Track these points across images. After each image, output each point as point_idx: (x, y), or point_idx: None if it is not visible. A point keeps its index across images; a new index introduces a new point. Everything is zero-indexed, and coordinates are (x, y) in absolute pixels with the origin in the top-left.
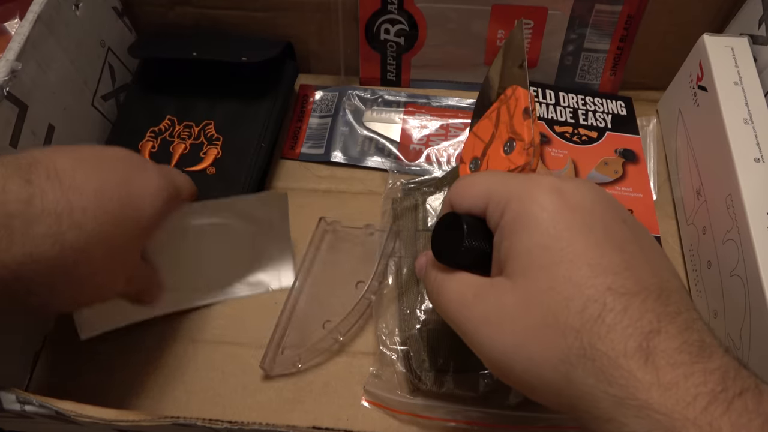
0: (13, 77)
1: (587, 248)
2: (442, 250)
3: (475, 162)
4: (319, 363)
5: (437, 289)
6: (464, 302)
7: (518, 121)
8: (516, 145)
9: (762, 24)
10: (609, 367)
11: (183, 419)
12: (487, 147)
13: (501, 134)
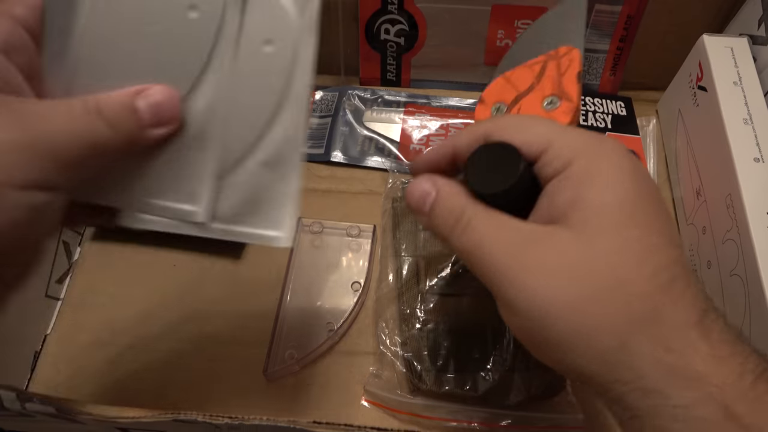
0: None
1: (657, 217)
2: (484, 178)
3: (499, 107)
4: (319, 363)
5: (468, 224)
6: (512, 245)
7: (570, 81)
8: (561, 104)
9: (761, 24)
10: (671, 334)
11: (183, 415)
12: (521, 96)
13: (543, 88)
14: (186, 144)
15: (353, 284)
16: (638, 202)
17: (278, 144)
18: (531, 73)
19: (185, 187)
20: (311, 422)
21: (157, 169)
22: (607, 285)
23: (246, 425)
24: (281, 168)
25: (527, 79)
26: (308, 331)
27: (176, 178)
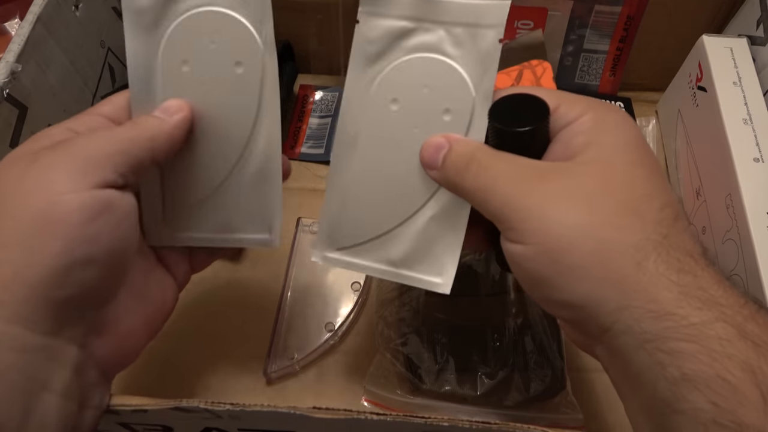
0: (13, 79)
1: (657, 165)
2: (509, 118)
3: None
4: (319, 363)
5: (479, 165)
6: (527, 176)
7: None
8: None
9: (760, 25)
10: (683, 257)
11: (185, 402)
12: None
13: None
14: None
15: (353, 284)
16: (643, 149)
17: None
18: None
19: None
20: (311, 408)
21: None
22: (622, 210)
23: (247, 412)
24: (449, 221)
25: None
26: (308, 331)
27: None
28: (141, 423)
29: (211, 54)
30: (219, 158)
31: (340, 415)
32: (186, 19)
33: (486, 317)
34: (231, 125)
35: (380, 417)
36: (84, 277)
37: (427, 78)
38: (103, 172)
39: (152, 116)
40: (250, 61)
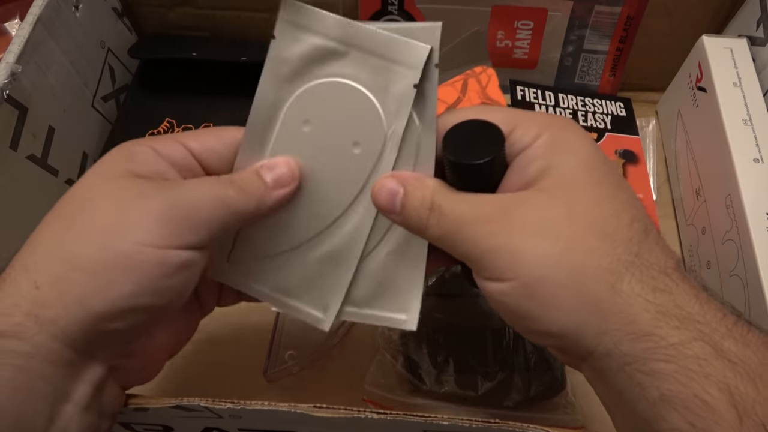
0: (13, 80)
1: (621, 179)
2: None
3: None
4: (319, 363)
5: (441, 210)
6: (490, 215)
7: (494, 92)
8: None
9: (760, 25)
10: (658, 275)
11: (186, 401)
12: (452, 107)
13: (470, 99)
14: (327, 258)
15: None
16: (603, 166)
17: (401, 235)
18: (454, 90)
19: (319, 297)
20: (311, 406)
21: (297, 275)
22: (590, 234)
23: (247, 410)
24: (408, 256)
25: (452, 94)
26: (308, 331)
27: (313, 287)
28: (141, 423)
29: (335, 124)
30: (303, 224)
31: (340, 413)
32: (324, 84)
33: (486, 318)
34: (327, 199)
35: (380, 416)
36: (138, 317)
37: (341, 104)
38: (197, 237)
39: (260, 179)
40: (370, 146)
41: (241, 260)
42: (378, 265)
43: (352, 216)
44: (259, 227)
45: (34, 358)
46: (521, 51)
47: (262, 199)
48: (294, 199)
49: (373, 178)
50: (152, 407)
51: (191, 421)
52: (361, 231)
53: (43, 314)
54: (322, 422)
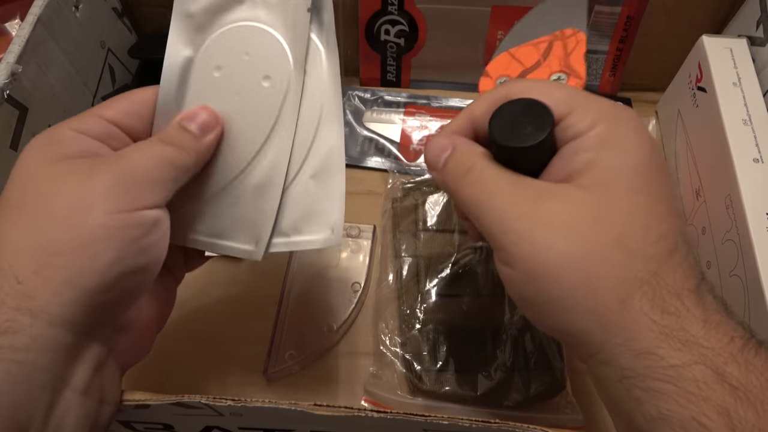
0: (13, 80)
1: (665, 187)
2: (510, 132)
3: (504, 81)
4: (319, 364)
5: (478, 177)
6: (521, 198)
7: (577, 59)
8: (569, 81)
9: (760, 25)
10: (669, 298)
11: (187, 397)
12: (527, 71)
13: (550, 64)
14: (253, 193)
15: (353, 284)
16: (651, 171)
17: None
18: (537, 51)
19: (251, 232)
20: (312, 404)
21: (228, 216)
22: (613, 244)
23: (248, 408)
24: (328, 177)
25: (533, 56)
26: (308, 331)
27: (244, 223)
28: (142, 421)
29: (243, 64)
30: (227, 165)
31: (340, 412)
32: (228, 30)
33: (486, 317)
34: (245, 136)
35: (380, 415)
36: (129, 282)
37: (247, 45)
38: (157, 197)
39: (185, 131)
40: (278, 76)
41: (178, 216)
42: (301, 191)
43: (271, 147)
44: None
45: (31, 350)
46: None
47: (197, 149)
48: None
49: (286, 106)
50: (153, 404)
51: (192, 419)
52: (281, 160)
53: (33, 305)
54: (323, 421)
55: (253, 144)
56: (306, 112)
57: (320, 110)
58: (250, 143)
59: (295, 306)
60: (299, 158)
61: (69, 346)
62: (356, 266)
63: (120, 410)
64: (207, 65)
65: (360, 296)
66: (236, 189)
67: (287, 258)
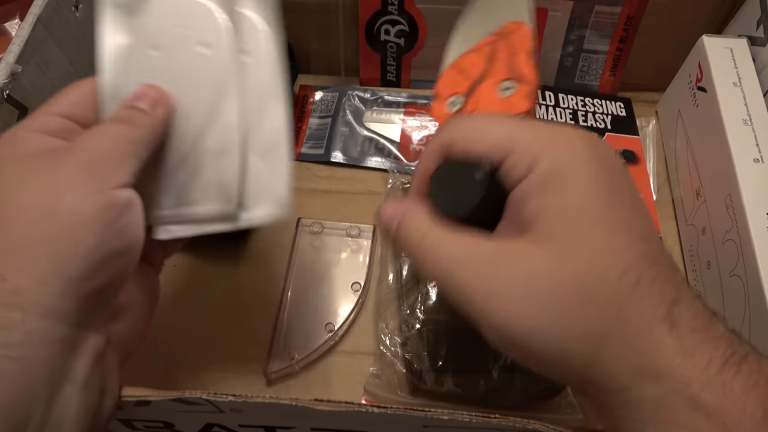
0: (13, 80)
1: (622, 212)
2: (449, 199)
3: (456, 100)
4: (319, 364)
5: (432, 248)
6: (479, 269)
7: (523, 61)
8: (519, 87)
9: (760, 25)
10: (638, 334)
11: (188, 393)
12: (475, 84)
13: (497, 72)
14: (213, 158)
15: (353, 284)
16: (603, 199)
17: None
18: (481, 58)
19: (218, 192)
20: (313, 400)
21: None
22: (579, 297)
23: (249, 404)
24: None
25: (478, 64)
26: (308, 331)
27: (208, 187)
28: (142, 419)
29: (176, 37)
30: (182, 136)
31: (341, 407)
32: (156, 6)
33: None
34: (195, 103)
35: (381, 410)
36: (114, 266)
37: (178, 19)
38: (123, 176)
39: (136, 109)
40: (214, 41)
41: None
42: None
43: (222, 111)
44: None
45: (25, 346)
46: None
47: (151, 124)
48: None
49: (229, 68)
50: (154, 400)
51: (192, 416)
52: (233, 121)
53: (23, 300)
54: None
55: (205, 111)
56: (249, 92)
57: (263, 90)
58: (201, 110)
59: (295, 306)
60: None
61: (65, 339)
62: (356, 266)
63: (120, 407)
64: (143, 47)
65: (360, 296)
66: (195, 157)
67: (287, 258)
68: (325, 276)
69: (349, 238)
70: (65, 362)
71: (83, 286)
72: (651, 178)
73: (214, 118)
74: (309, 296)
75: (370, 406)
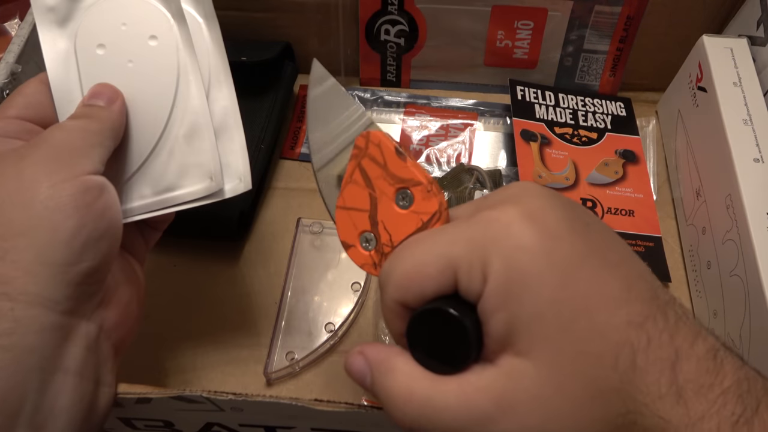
0: (13, 80)
1: (592, 283)
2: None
3: (366, 238)
4: (319, 364)
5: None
6: (486, 415)
7: (398, 166)
8: (415, 192)
9: (760, 25)
10: (648, 418)
11: (188, 391)
12: (372, 213)
13: (383, 191)
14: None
15: (353, 284)
16: (570, 281)
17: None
18: (358, 186)
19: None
20: (312, 400)
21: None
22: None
23: (249, 403)
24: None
25: (360, 193)
26: (308, 331)
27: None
28: (143, 417)
29: (123, 34)
30: (149, 127)
31: (341, 408)
32: (95, 9)
33: None
34: (154, 94)
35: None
36: (97, 249)
37: (119, 17)
38: (92, 162)
39: (94, 106)
40: (162, 32)
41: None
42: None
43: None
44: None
45: (15, 334)
46: (521, 51)
47: (109, 117)
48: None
49: (181, 54)
50: (155, 397)
51: (192, 415)
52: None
53: (10, 289)
54: (323, 416)
55: (166, 99)
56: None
57: (208, 75)
58: (162, 100)
59: (295, 306)
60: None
61: (55, 326)
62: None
63: (121, 405)
64: (88, 47)
65: (360, 296)
66: (167, 144)
67: (287, 258)
68: (325, 276)
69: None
70: (57, 350)
71: (69, 271)
72: (651, 178)
73: (178, 104)
74: (309, 296)
75: (371, 407)
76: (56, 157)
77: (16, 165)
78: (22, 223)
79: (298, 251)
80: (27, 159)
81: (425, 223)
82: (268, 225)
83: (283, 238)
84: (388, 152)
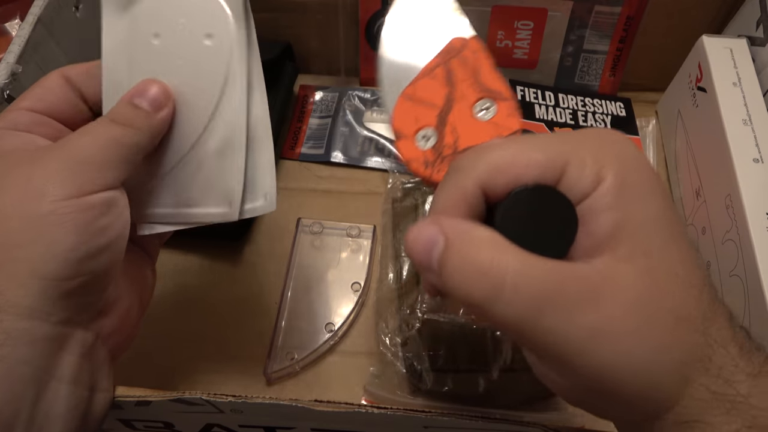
0: (14, 80)
1: (681, 223)
2: (532, 234)
3: (426, 135)
4: (319, 364)
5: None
6: (573, 305)
7: (491, 77)
8: (499, 106)
9: (760, 25)
10: (719, 356)
11: (188, 393)
12: (444, 112)
13: (465, 95)
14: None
15: (353, 284)
16: (670, 209)
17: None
18: (437, 82)
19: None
20: (312, 401)
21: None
22: (671, 326)
23: (249, 404)
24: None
25: (437, 90)
26: (308, 331)
27: (212, 187)
28: (142, 419)
29: (181, 27)
30: (184, 133)
31: (341, 408)
32: None
33: None
34: (198, 97)
35: (381, 411)
36: (97, 264)
37: (180, 8)
38: (109, 180)
39: (137, 108)
40: (219, 32)
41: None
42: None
43: (226, 105)
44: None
45: (5, 346)
46: (521, 51)
47: (150, 126)
48: None
49: (233, 61)
50: (154, 400)
51: (192, 417)
52: (240, 117)
53: (1, 301)
54: (323, 417)
55: (207, 106)
56: None
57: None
58: (204, 106)
59: (295, 306)
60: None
61: (48, 337)
62: (356, 266)
63: (121, 407)
64: (145, 35)
65: (360, 296)
66: (197, 155)
67: (287, 258)
68: (325, 276)
69: (349, 238)
70: (50, 360)
71: (62, 285)
72: None
73: (219, 114)
74: (309, 296)
75: (370, 407)
76: (70, 169)
77: (28, 170)
78: (21, 235)
79: (298, 251)
80: (39, 166)
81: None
82: (268, 225)
83: (283, 238)
84: (485, 61)
